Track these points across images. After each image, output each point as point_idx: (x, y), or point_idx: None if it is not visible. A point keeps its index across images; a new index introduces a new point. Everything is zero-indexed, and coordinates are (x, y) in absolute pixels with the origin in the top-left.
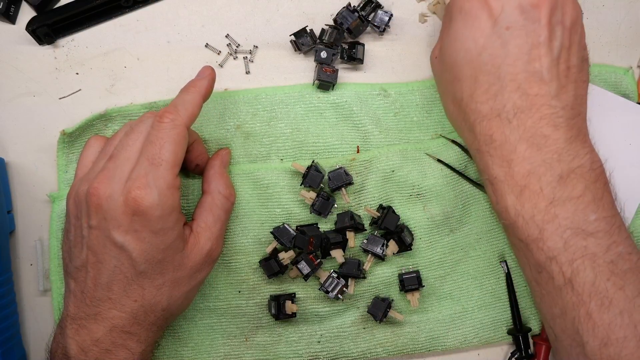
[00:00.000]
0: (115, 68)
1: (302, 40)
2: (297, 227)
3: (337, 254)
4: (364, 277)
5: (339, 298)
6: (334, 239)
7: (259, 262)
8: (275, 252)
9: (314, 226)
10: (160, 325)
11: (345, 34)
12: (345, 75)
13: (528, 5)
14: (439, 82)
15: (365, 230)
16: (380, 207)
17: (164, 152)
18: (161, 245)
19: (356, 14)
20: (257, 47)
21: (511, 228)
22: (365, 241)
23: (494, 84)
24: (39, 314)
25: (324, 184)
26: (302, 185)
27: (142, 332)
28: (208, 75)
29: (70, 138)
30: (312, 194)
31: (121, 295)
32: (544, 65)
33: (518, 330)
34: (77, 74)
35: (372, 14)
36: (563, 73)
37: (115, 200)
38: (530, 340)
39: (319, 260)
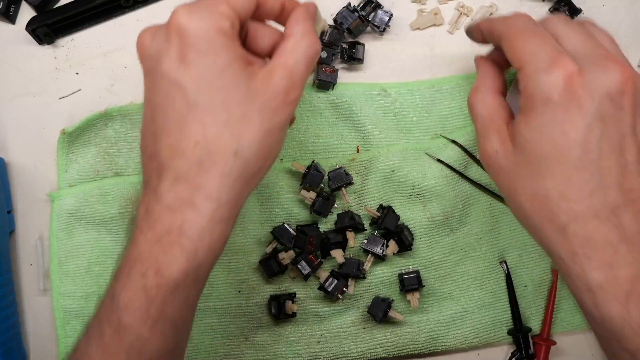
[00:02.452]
0: (115, 68)
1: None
2: (297, 227)
3: (337, 254)
4: (364, 277)
5: (339, 298)
6: (334, 239)
7: (259, 262)
8: (275, 252)
9: (314, 226)
10: (235, 179)
11: (345, 33)
12: (345, 75)
13: (615, 93)
14: (508, 178)
15: (365, 230)
16: (380, 207)
17: None
18: (214, 67)
19: (356, 13)
20: None
21: (615, 338)
22: (365, 241)
23: (589, 181)
24: (39, 314)
25: (324, 184)
26: (302, 185)
27: (211, 184)
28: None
29: (70, 138)
30: (312, 194)
31: (180, 138)
32: (633, 155)
33: (518, 330)
34: (77, 74)
35: (372, 14)
36: None
37: (161, 32)
38: (530, 341)
39: (319, 260)
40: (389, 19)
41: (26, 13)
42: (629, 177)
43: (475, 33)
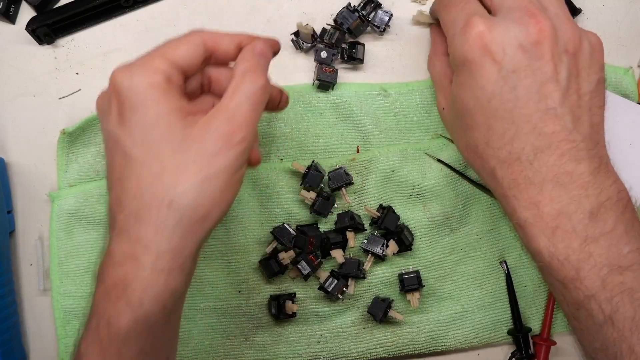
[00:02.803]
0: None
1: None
2: (297, 227)
3: (337, 254)
4: (364, 277)
5: (339, 298)
6: (334, 239)
7: (259, 262)
8: (275, 252)
9: (314, 226)
10: (172, 228)
11: (345, 34)
12: (345, 75)
13: (529, 44)
14: (451, 131)
15: (365, 230)
16: (380, 207)
17: (165, 44)
18: (146, 121)
19: (356, 13)
20: None
21: (546, 269)
22: (365, 241)
23: (508, 129)
24: (39, 314)
25: (324, 184)
26: (302, 185)
27: (148, 236)
28: (264, 38)
29: (70, 138)
30: (312, 194)
31: (120, 193)
32: (556, 100)
33: (518, 330)
34: (77, 74)
35: (372, 14)
36: (575, 104)
37: (106, 96)
38: (530, 341)
39: (319, 260)
40: (389, 19)
41: (26, 13)
42: (551, 122)
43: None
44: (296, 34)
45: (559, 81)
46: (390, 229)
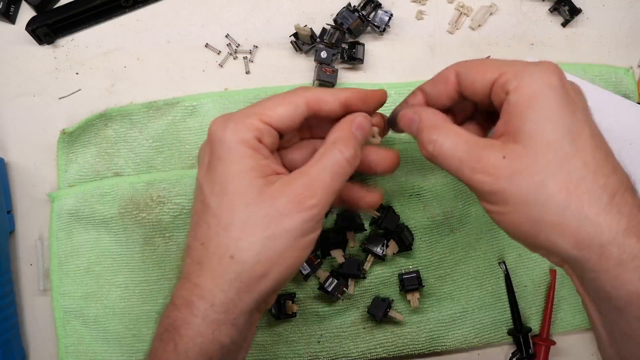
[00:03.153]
0: (115, 68)
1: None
2: None
3: (337, 254)
4: (364, 277)
5: (339, 298)
6: (334, 239)
7: None
8: None
9: None
10: (230, 281)
11: (345, 34)
12: (345, 75)
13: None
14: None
15: (365, 230)
16: (380, 207)
17: (266, 101)
18: (228, 173)
19: (356, 13)
20: (257, 47)
21: None
22: (365, 241)
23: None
24: (39, 314)
25: None
26: None
27: (207, 284)
28: (372, 90)
29: (70, 138)
30: None
31: (193, 237)
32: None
33: (518, 330)
34: (77, 74)
35: (372, 14)
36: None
37: (206, 141)
38: (531, 341)
39: (319, 260)
40: (389, 19)
41: (26, 13)
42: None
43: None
44: (295, 35)
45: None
46: (390, 229)
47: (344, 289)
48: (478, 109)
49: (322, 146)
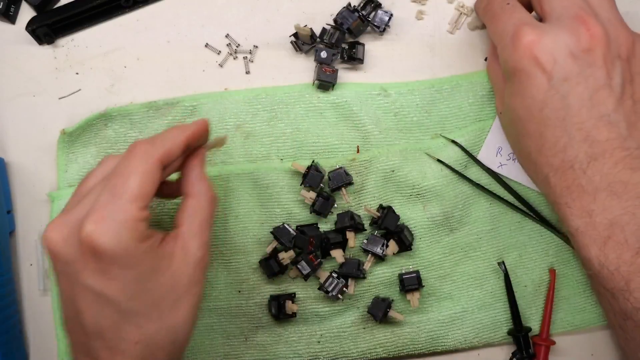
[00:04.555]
0: (115, 68)
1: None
2: (297, 227)
3: (337, 254)
4: (364, 277)
5: (339, 298)
6: (334, 239)
7: (259, 262)
8: (275, 252)
9: (314, 226)
10: None
11: (345, 34)
12: (345, 75)
13: (580, 52)
14: (507, 135)
15: (365, 230)
16: (380, 207)
17: (129, 182)
18: (140, 276)
19: (356, 13)
20: (257, 47)
21: (595, 278)
22: (365, 241)
23: (561, 137)
24: (39, 314)
25: (324, 184)
26: (302, 185)
27: None
28: (198, 122)
29: (71, 138)
30: (312, 194)
31: (117, 341)
32: (610, 107)
33: (518, 330)
34: (77, 74)
35: (372, 14)
36: (630, 110)
37: (70, 242)
38: (530, 341)
39: (319, 260)
40: (389, 19)
41: (26, 13)
42: (605, 129)
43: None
44: (295, 35)
45: (612, 87)
46: (390, 229)
47: (344, 289)
48: None
49: (187, 198)
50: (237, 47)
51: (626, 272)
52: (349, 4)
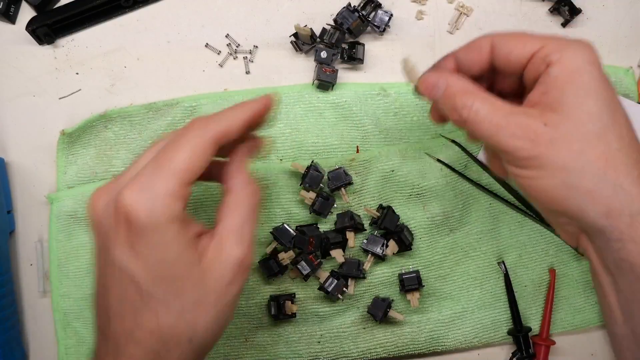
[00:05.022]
0: (115, 68)
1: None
2: (296, 227)
3: (337, 254)
4: (364, 277)
5: (339, 298)
6: (334, 239)
7: (259, 262)
8: (275, 252)
9: (313, 226)
10: None
11: (345, 34)
12: (345, 75)
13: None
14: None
15: (365, 230)
16: (380, 207)
17: (176, 155)
18: (166, 260)
19: (356, 14)
20: (257, 47)
21: None
22: (365, 241)
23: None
24: (39, 314)
25: (323, 184)
26: (302, 185)
27: None
28: (263, 99)
29: (70, 139)
30: (312, 194)
31: (134, 327)
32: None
33: (518, 330)
34: (77, 74)
35: (372, 14)
36: None
37: (108, 211)
38: (530, 341)
39: (318, 260)
40: (389, 19)
41: (26, 13)
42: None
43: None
44: (295, 35)
45: None
46: (390, 229)
47: (344, 289)
48: (494, 83)
49: (227, 194)
50: (237, 47)
51: None
52: (349, 4)
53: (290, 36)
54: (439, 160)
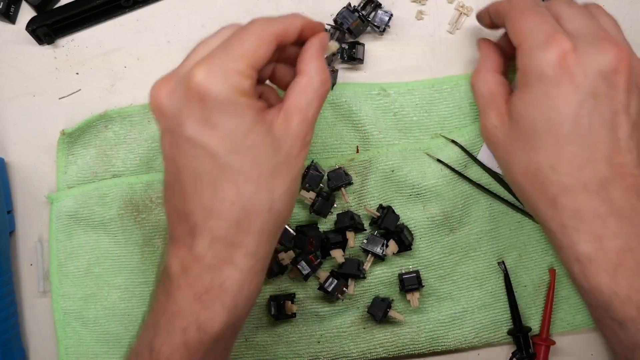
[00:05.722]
0: (115, 68)
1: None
2: (296, 227)
3: (337, 254)
4: (364, 277)
5: (339, 298)
6: (334, 239)
7: None
8: (275, 252)
9: (313, 226)
10: (270, 232)
11: (345, 34)
12: (345, 75)
13: (609, 71)
14: (504, 152)
15: (365, 230)
16: (380, 207)
17: (243, 41)
18: (241, 128)
19: (356, 13)
20: None
21: (603, 308)
22: (365, 241)
23: (578, 155)
24: (39, 314)
25: (323, 184)
26: (302, 185)
27: (249, 242)
28: (315, 22)
29: (70, 139)
30: (312, 194)
31: (213, 201)
32: (626, 132)
33: (518, 330)
34: (77, 74)
35: (372, 14)
36: None
37: (176, 94)
38: (530, 341)
39: (318, 260)
40: (389, 19)
41: (26, 13)
42: (620, 153)
43: (484, 16)
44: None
45: (629, 114)
46: (390, 229)
47: (344, 289)
48: None
49: (302, 76)
50: None
51: (638, 300)
52: (349, 4)
53: None
54: (439, 160)
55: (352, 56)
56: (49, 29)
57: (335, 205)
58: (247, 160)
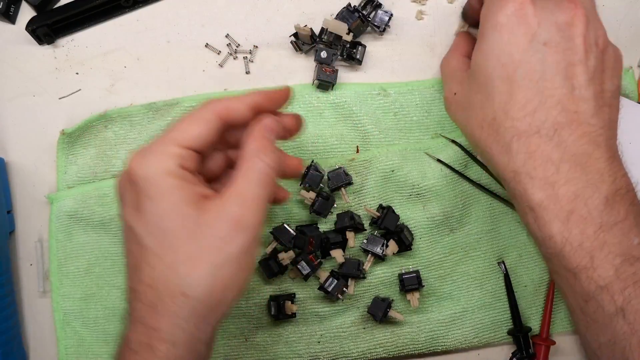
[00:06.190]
0: (115, 68)
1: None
2: (296, 227)
3: (337, 254)
4: (364, 277)
5: (339, 298)
6: (334, 239)
7: (259, 262)
8: (275, 252)
9: (313, 226)
10: (187, 318)
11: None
12: (345, 75)
13: (564, 24)
14: (462, 114)
15: (365, 230)
16: (380, 207)
17: (179, 122)
18: (160, 211)
19: (356, 14)
20: (257, 47)
21: (556, 257)
22: (365, 241)
23: (531, 100)
24: (39, 314)
25: (323, 184)
26: (302, 185)
27: (165, 326)
28: (280, 89)
29: (70, 139)
30: (312, 194)
31: (137, 283)
32: (581, 82)
33: (518, 330)
34: (77, 74)
35: (372, 14)
36: (599, 93)
37: (123, 179)
38: (530, 341)
39: (318, 260)
40: (389, 19)
41: (26, 13)
42: (574, 101)
43: (468, 10)
44: (295, 35)
45: (587, 66)
46: (390, 229)
47: (344, 289)
48: None
49: (242, 159)
50: (237, 47)
51: (590, 247)
52: (349, 4)
53: (290, 36)
54: (439, 160)
55: (351, 55)
56: (49, 29)
57: (335, 205)
58: (163, 243)
